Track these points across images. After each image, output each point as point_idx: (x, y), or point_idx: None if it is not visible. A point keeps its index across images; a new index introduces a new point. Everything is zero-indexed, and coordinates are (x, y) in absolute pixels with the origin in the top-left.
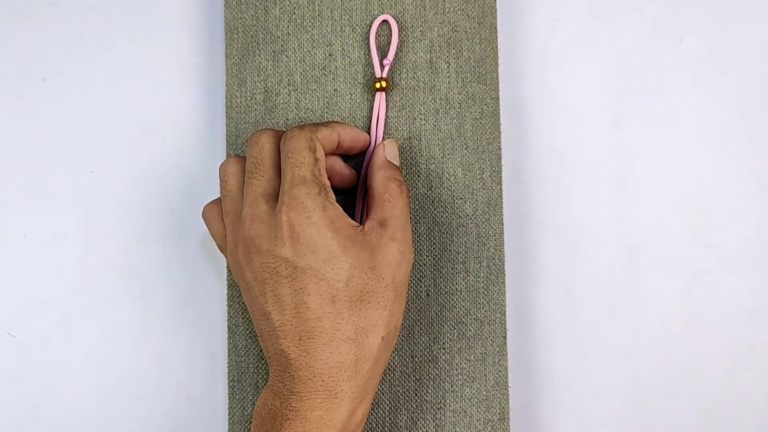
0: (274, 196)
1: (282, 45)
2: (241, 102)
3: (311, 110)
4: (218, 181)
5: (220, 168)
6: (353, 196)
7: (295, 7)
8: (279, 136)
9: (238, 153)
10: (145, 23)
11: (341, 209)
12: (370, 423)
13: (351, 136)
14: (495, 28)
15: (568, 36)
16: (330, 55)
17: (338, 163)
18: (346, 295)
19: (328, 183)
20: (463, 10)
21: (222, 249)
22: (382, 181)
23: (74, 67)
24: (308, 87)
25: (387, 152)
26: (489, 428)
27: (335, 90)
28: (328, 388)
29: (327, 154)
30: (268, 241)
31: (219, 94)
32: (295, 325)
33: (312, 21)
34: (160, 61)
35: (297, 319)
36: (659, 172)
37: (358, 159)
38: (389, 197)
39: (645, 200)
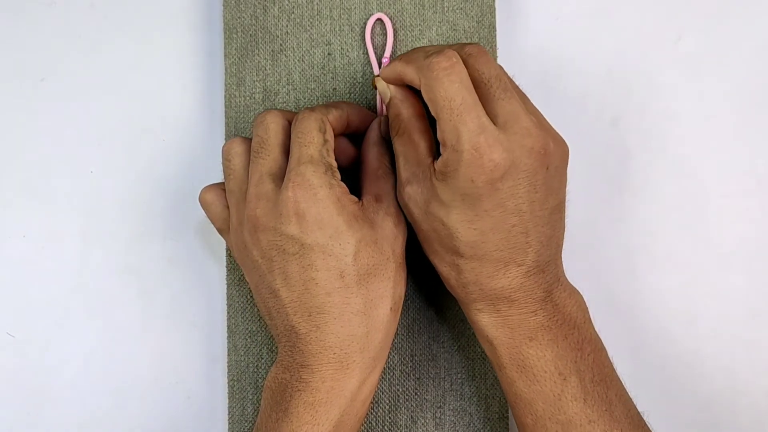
0: (280, 176)
1: (281, 44)
2: (240, 101)
3: None
4: (218, 180)
5: (223, 148)
6: (355, 173)
7: (293, 7)
8: (285, 116)
9: None
10: (144, 23)
11: (346, 188)
12: (369, 422)
13: (359, 117)
14: (494, 27)
15: (567, 34)
16: (329, 54)
17: (344, 143)
18: (355, 270)
19: (335, 163)
20: (461, 8)
21: (222, 231)
22: (376, 156)
23: (73, 66)
24: (307, 86)
25: (383, 128)
26: (488, 426)
27: (334, 89)
28: (340, 359)
29: (336, 135)
30: (274, 219)
31: (218, 93)
32: (303, 301)
33: (311, 20)
34: (159, 60)
35: (306, 295)
36: (658, 170)
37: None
38: (383, 173)
39: (644, 199)
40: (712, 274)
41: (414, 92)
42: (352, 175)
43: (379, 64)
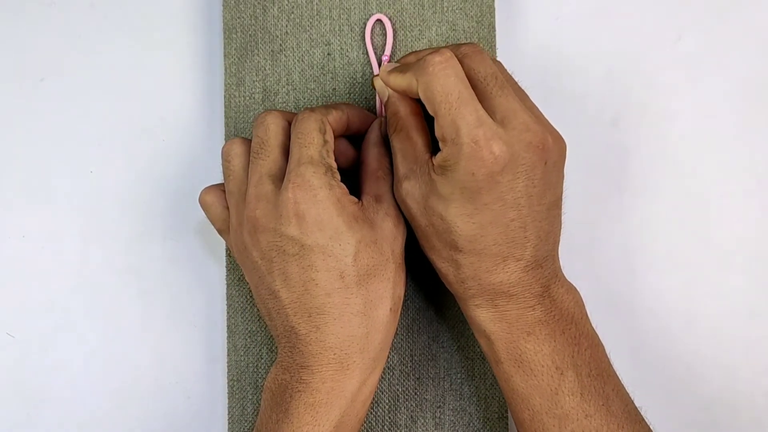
0: (280, 177)
1: (280, 44)
2: (239, 101)
3: None
4: (218, 180)
5: (223, 149)
6: (354, 175)
7: (293, 7)
8: (285, 117)
9: None
10: (144, 23)
11: (346, 188)
12: (369, 422)
13: (360, 118)
14: (493, 27)
15: (567, 34)
16: (328, 54)
17: (343, 145)
18: (354, 270)
19: (334, 164)
20: (461, 9)
21: (222, 232)
22: (375, 157)
23: (73, 66)
24: (307, 86)
25: (384, 129)
26: (488, 426)
27: (334, 89)
28: (340, 360)
29: (336, 137)
30: (274, 219)
31: (218, 93)
32: (303, 302)
33: (310, 20)
34: (159, 60)
35: (306, 296)
36: (658, 170)
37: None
38: (382, 174)
39: (644, 199)
40: (712, 274)
41: None
42: (352, 177)
43: (379, 64)
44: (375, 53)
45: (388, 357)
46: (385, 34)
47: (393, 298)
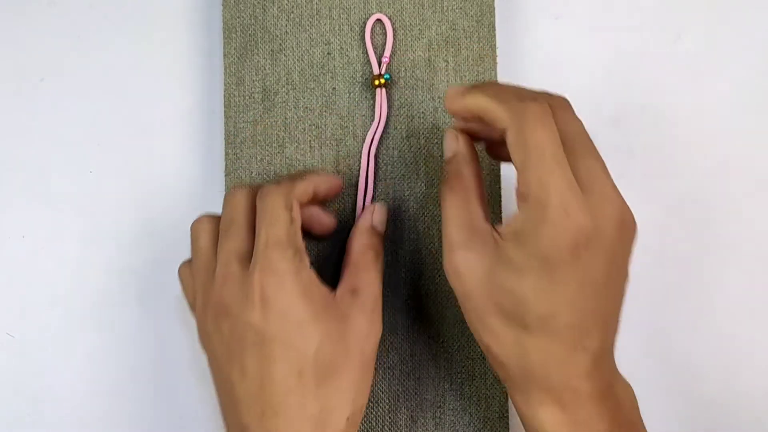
0: (248, 257)
1: (280, 44)
2: (239, 101)
3: (310, 109)
4: (216, 183)
5: (191, 226)
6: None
7: (293, 6)
8: (254, 193)
9: (235, 152)
10: (143, 22)
11: (315, 274)
12: (369, 422)
13: (327, 186)
14: (493, 26)
15: (567, 34)
16: (328, 53)
17: (316, 212)
18: (314, 368)
19: (302, 245)
20: (461, 8)
21: (193, 308)
22: (360, 247)
23: (72, 66)
24: (307, 86)
25: (375, 217)
26: (488, 426)
27: (334, 89)
28: None
29: (303, 206)
30: (238, 304)
31: (217, 93)
32: (258, 398)
33: (310, 20)
34: (158, 60)
35: (261, 392)
36: (658, 170)
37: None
38: (363, 266)
39: (644, 199)
40: (712, 274)
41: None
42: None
43: (379, 63)
44: (375, 53)
45: (389, 357)
46: (385, 34)
47: (353, 406)
